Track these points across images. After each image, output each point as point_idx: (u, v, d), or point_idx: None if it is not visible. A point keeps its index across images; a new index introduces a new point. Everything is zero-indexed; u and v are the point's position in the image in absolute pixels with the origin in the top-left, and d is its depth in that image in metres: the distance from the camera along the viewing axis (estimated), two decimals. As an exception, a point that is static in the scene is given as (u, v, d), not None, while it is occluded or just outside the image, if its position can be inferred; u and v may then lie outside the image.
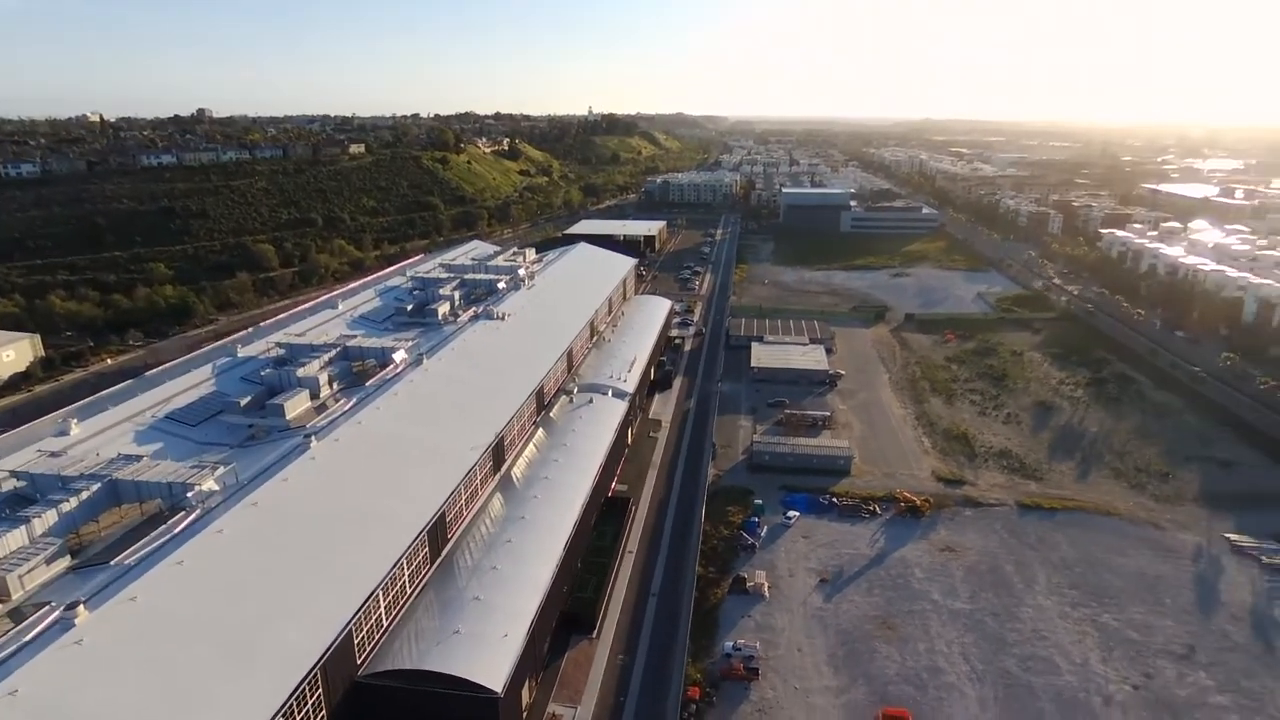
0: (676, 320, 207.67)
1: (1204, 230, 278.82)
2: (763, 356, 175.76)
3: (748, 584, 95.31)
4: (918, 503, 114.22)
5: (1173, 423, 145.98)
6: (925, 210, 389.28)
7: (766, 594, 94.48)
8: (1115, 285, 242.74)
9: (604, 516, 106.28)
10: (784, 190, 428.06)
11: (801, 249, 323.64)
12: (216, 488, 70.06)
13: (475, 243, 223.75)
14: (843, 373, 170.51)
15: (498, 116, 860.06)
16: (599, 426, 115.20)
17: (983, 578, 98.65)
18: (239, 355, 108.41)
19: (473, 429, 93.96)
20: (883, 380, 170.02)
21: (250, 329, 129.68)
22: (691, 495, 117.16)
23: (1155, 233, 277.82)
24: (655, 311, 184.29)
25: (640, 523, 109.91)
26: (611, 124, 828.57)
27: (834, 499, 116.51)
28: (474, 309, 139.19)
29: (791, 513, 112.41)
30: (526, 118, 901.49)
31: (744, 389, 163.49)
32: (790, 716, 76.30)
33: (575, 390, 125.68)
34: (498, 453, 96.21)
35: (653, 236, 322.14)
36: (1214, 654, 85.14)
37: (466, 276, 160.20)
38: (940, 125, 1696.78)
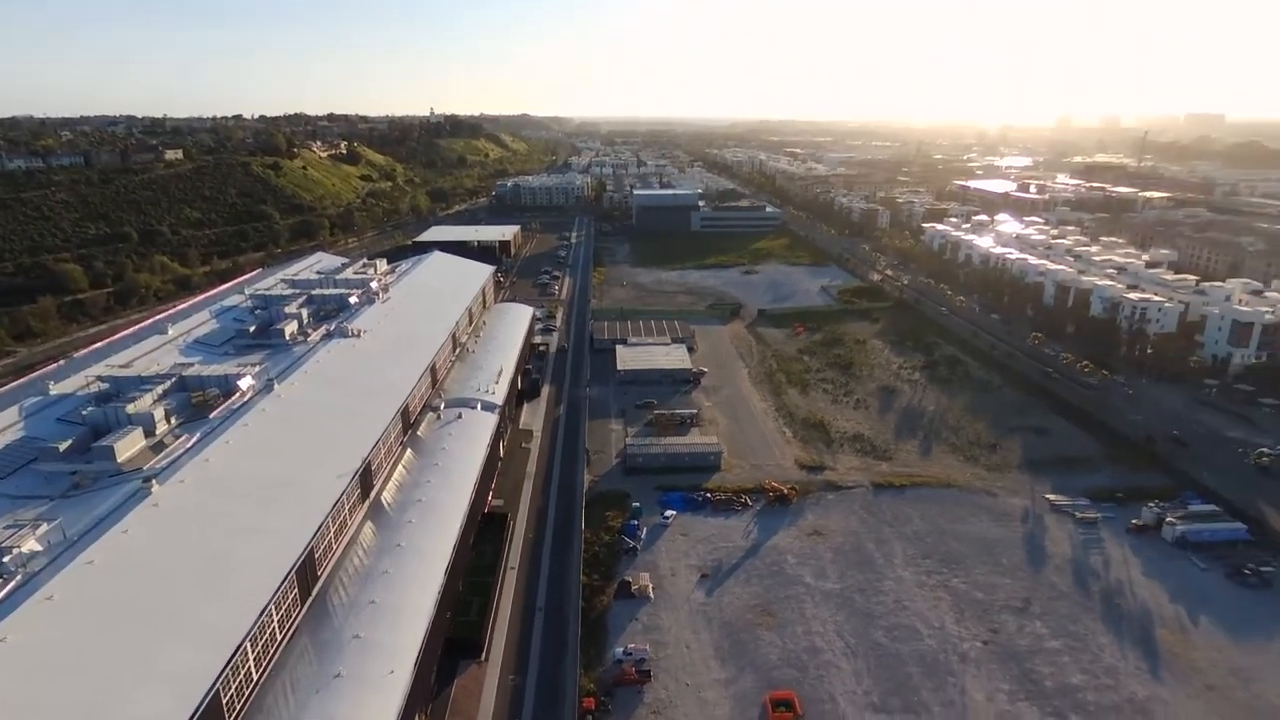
0: (539, 327, 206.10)
1: (1007, 222, 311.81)
2: (628, 358, 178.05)
3: (632, 587, 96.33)
4: (785, 491, 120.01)
5: (995, 398, 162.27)
6: (768, 209, 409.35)
7: (651, 595, 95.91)
8: (939, 274, 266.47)
9: (482, 534, 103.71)
10: (635, 192, 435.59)
11: (656, 249, 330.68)
12: (40, 548, 61.84)
13: (319, 255, 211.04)
14: (705, 370, 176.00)
15: (332, 118, 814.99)
16: (470, 442, 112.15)
17: (848, 557, 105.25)
18: (51, 393, 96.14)
19: (336, 456, 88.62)
20: (742, 375, 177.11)
21: (62, 361, 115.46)
22: (569, 504, 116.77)
23: (968, 225, 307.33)
24: (517, 319, 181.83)
25: (520, 537, 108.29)
26: (456, 126, 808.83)
27: (708, 495, 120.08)
28: (325, 327, 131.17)
29: (669, 512, 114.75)
30: (364, 119, 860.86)
31: (612, 392, 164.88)
32: (684, 714, 77.98)
33: (442, 406, 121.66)
34: (365, 479, 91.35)
35: (508, 242, 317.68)
36: (1046, 604, 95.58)
37: (314, 292, 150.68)
38: (775, 126, 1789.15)
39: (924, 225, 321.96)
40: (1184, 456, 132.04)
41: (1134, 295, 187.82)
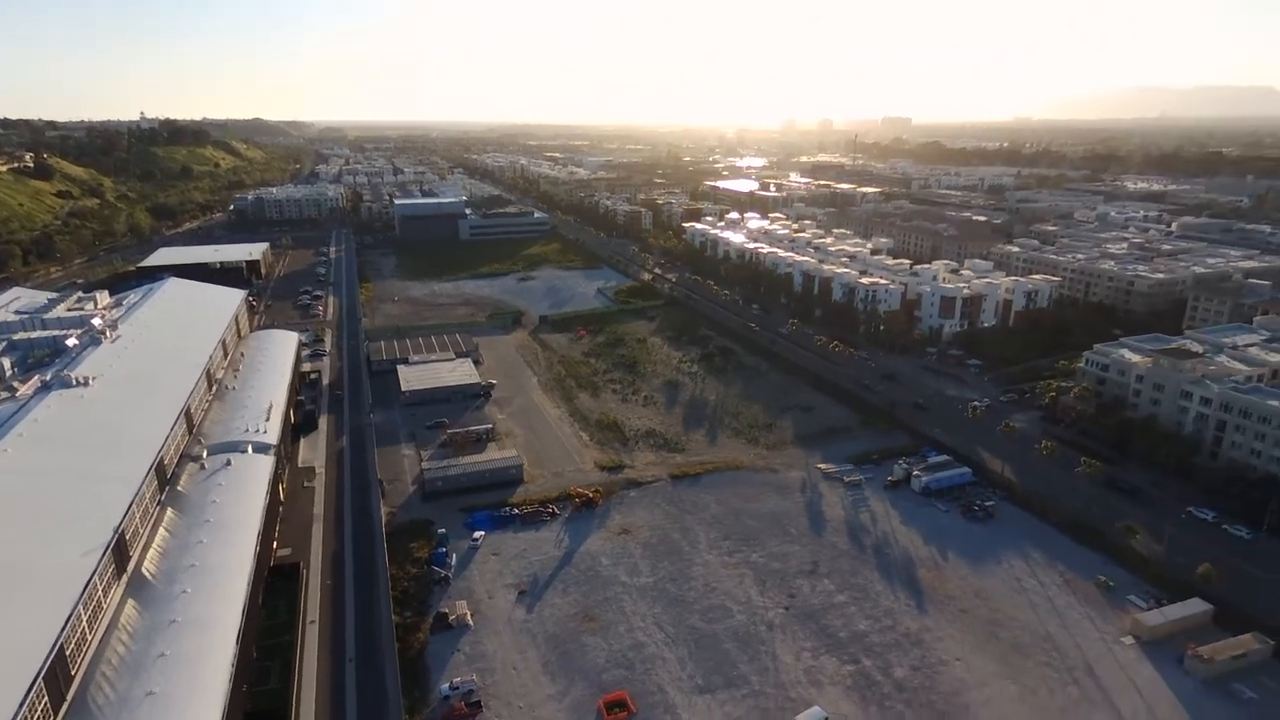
0: (307, 353, 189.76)
1: (755, 219, 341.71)
2: (412, 378, 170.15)
3: (450, 618, 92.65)
4: (590, 495, 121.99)
5: (765, 382, 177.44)
6: (536, 215, 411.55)
7: (471, 622, 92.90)
8: (703, 270, 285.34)
9: (273, 590, 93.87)
10: (397, 201, 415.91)
11: (424, 261, 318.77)
12: None
13: (15, 290, 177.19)
14: (495, 382, 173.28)
15: (7, 124, 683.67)
16: (244, 490, 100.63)
17: (657, 550, 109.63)
18: None
19: (78, 531, 75.32)
20: (533, 384, 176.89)
21: None
22: (367, 542, 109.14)
23: (723, 224, 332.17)
24: (281, 347, 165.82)
25: (316, 586, 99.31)
26: (175, 132, 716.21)
27: (514, 509, 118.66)
28: (38, 376, 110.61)
29: (477, 533, 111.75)
30: (53, 125, 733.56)
31: (398, 415, 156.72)
32: (520, 737, 76.68)
33: (205, 454, 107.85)
34: (120, 552, 78.59)
35: (256, 261, 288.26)
36: (830, 564, 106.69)
37: (17, 336, 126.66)
38: (533, 130, 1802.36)
39: (684, 225, 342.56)
40: (921, 417, 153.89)
41: (866, 280, 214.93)
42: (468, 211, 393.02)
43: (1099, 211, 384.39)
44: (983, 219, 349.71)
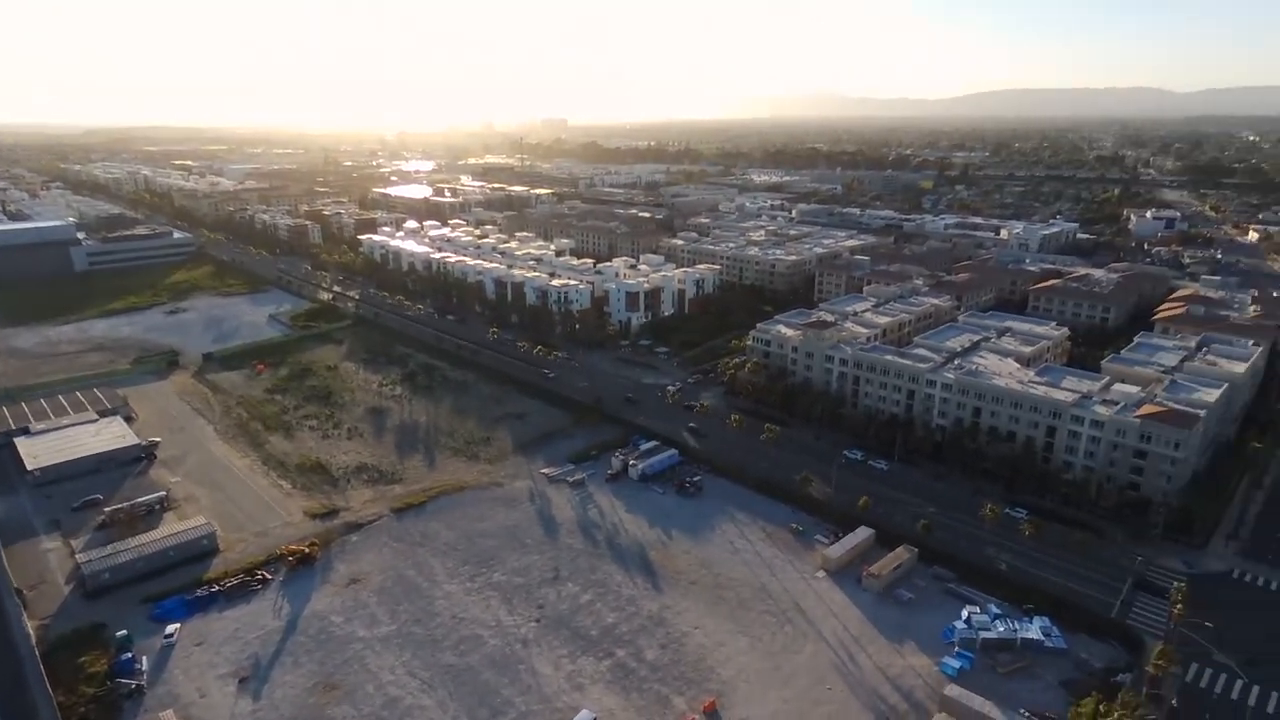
0: None
1: (437, 227, 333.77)
2: (39, 452, 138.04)
3: (154, 735, 77.94)
4: (305, 550, 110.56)
5: (475, 394, 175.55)
6: (176, 234, 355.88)
7: (183, 733, 79.14)
8: (388, 285, 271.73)
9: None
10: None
11: (29, 302, 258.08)
12: None
13: None
14: (158, 440, 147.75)
15: None
16: None
17: (394, 593, 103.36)
18: None
19: None
20: (208, 434, 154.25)
21: None
22: (12, 671, 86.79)
23: (402, 233, 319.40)
24: None
25: (-56, 747, 76.63)
26: None
27: (214, 586, 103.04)
28: None
29: (170, 626, 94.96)
30: None
31: (28, 501, 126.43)
32: (273, 846, 67.63)
33: None
34: None
35: None
36: (570, 566, 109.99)
37: None
38: (147, 133, 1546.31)
39: (360, 237, 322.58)
40: (627, 408, 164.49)
41: (557, 282, 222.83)
42: (81, 236, 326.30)
43: (737, 203, 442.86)
44: (647, 215, 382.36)
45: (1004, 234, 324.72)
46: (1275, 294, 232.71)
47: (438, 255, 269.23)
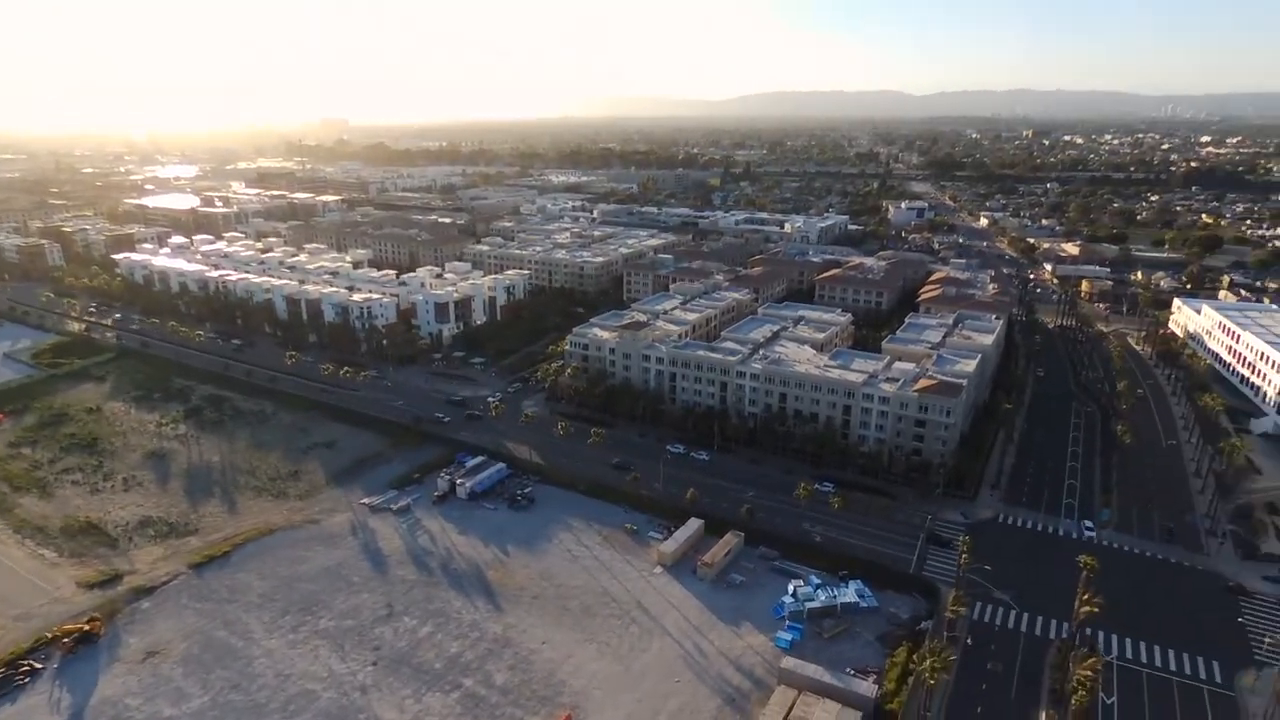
0: None
1: (210, 242, 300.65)
2: None
3: None
4: (84, 627, 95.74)
5: (275, 425, 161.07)
6: None
7: None
8: (155, 310, 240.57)
9: None
10: None
11: None
12: None
13: None
14: None
15: None
16: None
17: (203, 660, 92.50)
18: None
19: None
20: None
21: None
22: None
23: (168, 250, 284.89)
24: None
25: None
26: None
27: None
28: None
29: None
30: None
31: None
32: None
33: None
34: None
35: None
36: (405, 599, 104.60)
37: None
38: None
39: (115, 256, 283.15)
40: (446, 424, 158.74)
41: (358, 297, 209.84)
42: None
43: (539, 205, 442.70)
44: (448, 220, 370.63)
45: (788, 228, 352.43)
46: (1005, 271, 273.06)
47: (215, 274, 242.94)
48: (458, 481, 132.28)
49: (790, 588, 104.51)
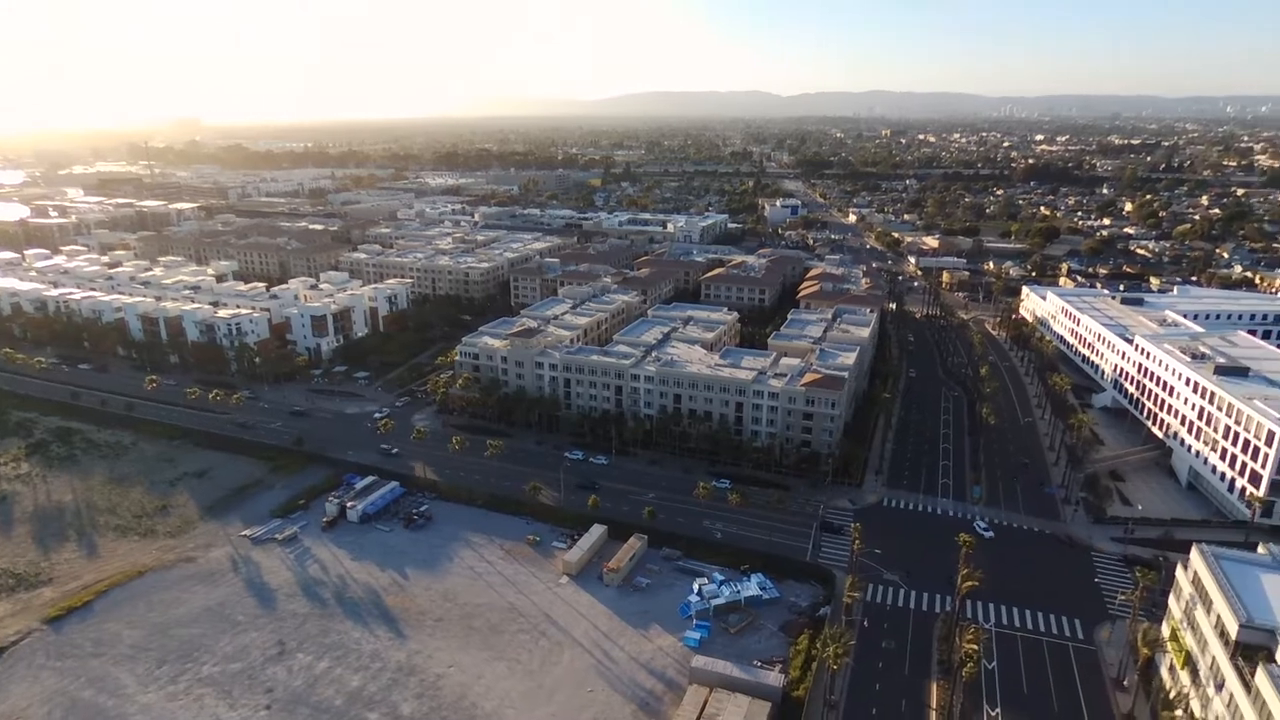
0: None
1: (46, 257, 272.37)
2: None
3: None
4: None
5: (136, 456, 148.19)
6: None
7: None
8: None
9: None
10: None
11: None
12: None
13: None
14: None
15: None
16: None
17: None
18: None
19: None
20: None
21: None
22: None
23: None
24: None
25: None
26: None
27: None
28: None
29: None
30: None
31: None
32: None
33: None
34: None
35: None
36: (297, 635, 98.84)
37: None
38: None
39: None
40: (332, 444, 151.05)
41: (225, 313, 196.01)
42: None
43: (417, 209, 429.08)
44: (320, 227, 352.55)
45: (670, 227, 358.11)
46: (875, 265, 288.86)
47: (55, 292, 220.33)
48: (348, 505, 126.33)
49: (695, 586, 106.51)
